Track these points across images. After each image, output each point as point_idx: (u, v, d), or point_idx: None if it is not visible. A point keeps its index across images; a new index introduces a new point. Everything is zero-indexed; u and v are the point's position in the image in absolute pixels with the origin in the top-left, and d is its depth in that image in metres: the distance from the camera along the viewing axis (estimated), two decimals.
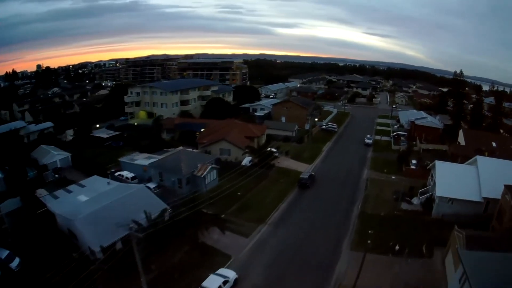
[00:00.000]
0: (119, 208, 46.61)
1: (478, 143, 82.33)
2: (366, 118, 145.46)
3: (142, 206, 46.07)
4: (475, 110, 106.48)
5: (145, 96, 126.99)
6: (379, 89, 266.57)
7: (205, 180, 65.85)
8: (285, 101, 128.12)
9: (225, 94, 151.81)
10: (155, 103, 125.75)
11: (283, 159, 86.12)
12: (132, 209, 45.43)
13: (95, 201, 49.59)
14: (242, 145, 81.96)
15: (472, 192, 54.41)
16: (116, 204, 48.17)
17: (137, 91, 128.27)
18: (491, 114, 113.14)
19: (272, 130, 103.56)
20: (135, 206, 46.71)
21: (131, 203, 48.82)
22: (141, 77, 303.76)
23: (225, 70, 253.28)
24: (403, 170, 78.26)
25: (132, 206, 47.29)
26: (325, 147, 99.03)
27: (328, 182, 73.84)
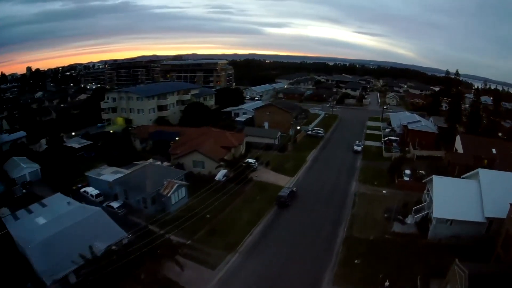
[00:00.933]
0: (73, 235, 42.86)
1: (476, 150, 75.89)
2: (356, 121, 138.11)
3: (98, 233, 43.68)
4: (472, 112, 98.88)
5: (121, 102, 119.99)
6: (369, 89, 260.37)
7: (171, 199, 59.37)
8: (268, 105, 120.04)
9: (206, 97, 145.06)
10: (131, 109, 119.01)
11: (263, 171, 78.42)
12: (87, 237, 42.13)
13: (51, 226, 45.42)
14: (217, 157, 74.79)
15: (474, 212, 48.13)
16: (70, 231, 43.90)
17: (113, 96, 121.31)
18: (486, 115, 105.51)
19: (253, 137, 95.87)
20: (90, 234, 43.33)
21: (86, 229, 44.64)
22: (125, 80, 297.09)
23: (209, 71, 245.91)
24: (396, 182, 70.95)
25: (87, 233, 43.57)
26: (309, 156, 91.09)
27: (311, 199, 66.04)
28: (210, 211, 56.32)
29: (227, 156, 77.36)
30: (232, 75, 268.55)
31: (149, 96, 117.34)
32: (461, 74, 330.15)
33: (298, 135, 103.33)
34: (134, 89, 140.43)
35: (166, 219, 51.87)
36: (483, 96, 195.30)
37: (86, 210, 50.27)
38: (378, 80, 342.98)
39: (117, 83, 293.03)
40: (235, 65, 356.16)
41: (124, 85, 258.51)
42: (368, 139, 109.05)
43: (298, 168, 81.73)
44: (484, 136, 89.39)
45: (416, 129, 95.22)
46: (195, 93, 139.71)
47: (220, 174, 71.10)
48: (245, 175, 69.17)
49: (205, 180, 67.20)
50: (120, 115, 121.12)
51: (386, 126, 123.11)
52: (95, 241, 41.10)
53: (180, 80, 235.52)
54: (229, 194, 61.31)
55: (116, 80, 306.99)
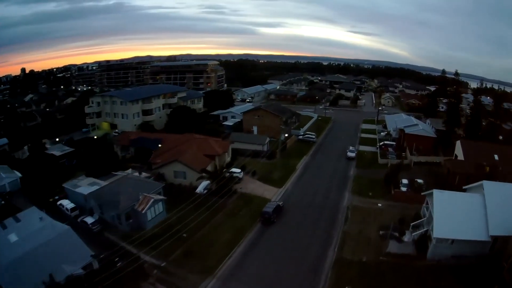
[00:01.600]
0: (41, 257, 40.33)
1: (478, 156, 71.03)
2: (350, 124, 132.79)
3: (66, 255, 41.36)
4: (472, 115, 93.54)
5: (105, 106, 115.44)
6: (364, 89, 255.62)
7: (147, 215, 54.34)
8: (257, 108, 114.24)
9: (194, 100, 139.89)
10: (116, 114, 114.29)
11: (248, 182, 73.22)
12: (55, 258, 40.19)
13: (22, 244, 42.68)
14: (198, 167, 69.41)
15: (478, 230, 44.13)
16: (39, 251, 41.17)
17: (97, 100, 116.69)
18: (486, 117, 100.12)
19: (240, 143, 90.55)
20: (58, 255, 41.08)
21: (54, 250, 41.93)
22: (115, 82, 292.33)
23: (199, 73, 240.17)
24: (392, 193, 65.76)
25: (55, 254, 41.19)
26: (300, 164, 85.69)
27: (299, 214, 60.67)
28: (188, 228, 51.55)
29: (211, 166, 72.57)
30: (223, 76, 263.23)
31: (133, 100, 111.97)
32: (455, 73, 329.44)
33: (288, 141, 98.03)
34: (118, 93, 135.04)
35: (140, 237, 47.76)
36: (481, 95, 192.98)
37: (56, 228, 46.63)
38: (373, 80, 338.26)
39: (107, 85, 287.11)
40: (228, 65, 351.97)
41: (114, 87, 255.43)
42: (362, 143, 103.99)
43: (286, 177, 76.37)
44: (484, 139, 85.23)
45: (413, 133, 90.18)
46: (182, 96, 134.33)
47: (201, 187, 65.97)
48: (228, 187, 64.37)
49: (186, 193, 63.35)
50: (105, 120, 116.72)
51: (381, 129, 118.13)
52: (63, 264, 39.27)
53: (170, 82, 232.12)
54: (210, 209, 56.33)
55: (106, 82, 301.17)
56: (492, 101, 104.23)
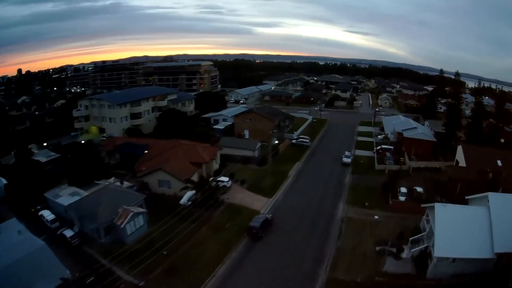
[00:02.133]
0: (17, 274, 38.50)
1: (480, 162, 66.94)
2: (346, 126, 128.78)
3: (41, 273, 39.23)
4: (473, 117, 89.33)
5: (93, 110, 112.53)
6: (360, 90, 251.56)
7: (127, 230, 51.21)
8: (249, 112, 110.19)
9: (185, 103, 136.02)
10: (104, 118, 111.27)
11: (237, 191, 69.35)
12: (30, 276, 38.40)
13: None
14: (183, 176, 65.66)
15: (482, 247, 40.78)
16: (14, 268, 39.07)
17: (85, 103, 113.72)
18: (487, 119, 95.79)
19: (230, 149, 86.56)
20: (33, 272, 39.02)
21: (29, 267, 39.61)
22: (109, 83, 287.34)
23: (192, 74, 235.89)
24: (390, 203, 61.79)
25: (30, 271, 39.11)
26: (292, 170, 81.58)
27: (289, 227, 56.68)
28: (170, 244, 48.24)
29: (197, 174, 68.89)
30: (217, 77, 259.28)
31: (120, 104, 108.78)
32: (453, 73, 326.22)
33: (281, 145, 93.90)
34: (105, 96, 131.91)
35: (119, 253, 45.26)
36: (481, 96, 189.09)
37: (32, 243, 43.97)
38: (370, 80, 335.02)
39: (101, 86, 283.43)
40: (223, 66, 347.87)
41: (107, 88, 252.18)
42: (359, 147, 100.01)
43: (278, 186, 72.32)
44: (485, 143, 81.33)
45: (412, 137, 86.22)
46: (173, 99, 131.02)
47: (186, 197, 62.45)
48: (214, 198, 61.13)
49: (170, 203, 60.19)
50: (93, 124, 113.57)
51: (378, 132, 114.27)
52: (38, 282, 37.90)
53: (163, 83, 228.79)
54: (195, 222, 53.30)
55: (99, 84, 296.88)
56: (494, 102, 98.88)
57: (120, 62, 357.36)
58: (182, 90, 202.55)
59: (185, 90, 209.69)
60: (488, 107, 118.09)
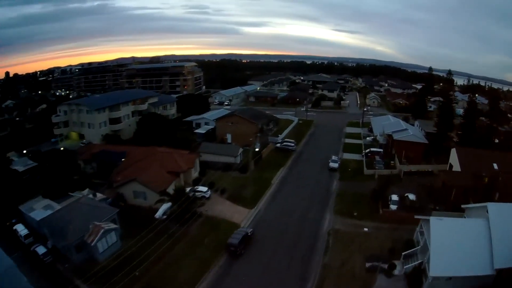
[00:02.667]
0: None
1: (475, 165, 63.90)
2: (333, 128, 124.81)
3: None
4: (466, 116, 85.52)
5: (72, 115, 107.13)
6: (348, 89, 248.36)
7: (98, 247, 47.77)
8: (230, 115, 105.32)
9: (166, 106, 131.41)
10: (82, 123, 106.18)
11: (216, 202, 64.72)
12: None
13: None
14: (159, 187, 61.26)
15: (481, 263, 37.74)
16: None
17: (64, 109, 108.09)
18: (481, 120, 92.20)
19: (210, 155, 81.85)
20: None
21: None
22: (93, 86, 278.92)
23: (175, 75, 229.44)
24: (380, 212, 57.54)
25: None
26: (276, 177, 77.08)
27: (271, 243, 52.35)
28: (145, 262, 44.86)
29: (175, 184, 64.40)
30: (201, 78, 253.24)
31: (99, 109, 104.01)
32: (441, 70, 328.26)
33: (264, 150, 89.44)
34: (83, 100, 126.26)
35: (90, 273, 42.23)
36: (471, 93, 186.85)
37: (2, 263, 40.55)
38: (357, 78, 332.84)
39: (85, 89, 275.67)
40: (209, 66, 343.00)
41: (91, 91, 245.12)
42: (346, 150, 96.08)
43: (260, 195, 67.85)
44: (479, 144, 78.23)
45: (402, 139, 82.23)
46: (153, 102, 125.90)
47: (161, 211, 57.77)
48: (192, 210, 56.56)
49: (146, 217, 55.90)
50: (73, 130, 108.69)
51: (367, 134, 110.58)
52: None
53: (146, 86, 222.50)
54: (172, 237, 49.70)
55: (84, 87, 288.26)
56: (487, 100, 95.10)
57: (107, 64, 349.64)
58: (166, 92, 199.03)
59: (168, 92, 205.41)
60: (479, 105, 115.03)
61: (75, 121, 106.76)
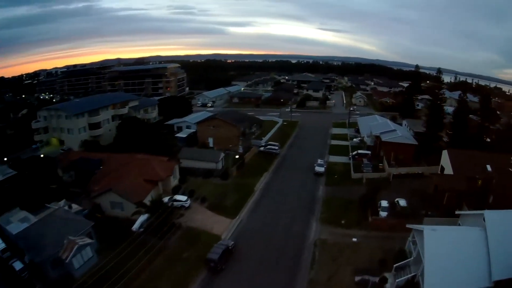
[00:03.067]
0: None
1: (468, 168, 61.22)
2: (318, 129, 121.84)
3: None
4: (457, 116, 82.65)
5: (52, 121, 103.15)
6: (333, 88, 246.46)
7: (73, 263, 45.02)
8: (212, 118, 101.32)
9: (147, 109, 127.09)
10: (62, 129, 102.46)
11: (197, 211, 60.97)
12: None
13: None
14: (136, 197, 57.71)
15: (478, 275, 34.81)
16: None
17: (44, 114, 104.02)
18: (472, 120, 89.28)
19: (191, 161, 78.14)
20: None
21: None
22: (77, 89, 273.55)
23: (158, 77, 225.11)
24: (369, 220, 54.64)
25: None
26: (259, 184, 73.72)
27: (255, 255, 48.96)
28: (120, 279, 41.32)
29: (154, 193, 61.07)
30: (185, 80, 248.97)
31: (77, 114, 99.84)
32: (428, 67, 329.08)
33: (247, 154, 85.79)
34: (63, 105, 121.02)
35: None
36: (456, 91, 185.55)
37: None
38: (343, 77, 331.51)
39: (68, 92, 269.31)
40: (193, 67, 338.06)
41: (74, 94, 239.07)
42: (333, 152, 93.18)
43: (242, 203, 64.33)
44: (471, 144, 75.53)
45: (391, 141, 79.63)
46: (134, 105, 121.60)
47: (138, 223, 54.12)
48: (171, 222, 52.97)
49: (123, 229, 52.72)
50: (53, 136, 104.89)
51: (354, 134, 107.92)
52: None
53: (128, 88, 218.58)
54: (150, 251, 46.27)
55: (67, 90, 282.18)
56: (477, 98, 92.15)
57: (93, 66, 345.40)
58: (148, 95, 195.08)
59: (151, 94, 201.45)
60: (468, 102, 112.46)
61: (55, 127, 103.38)
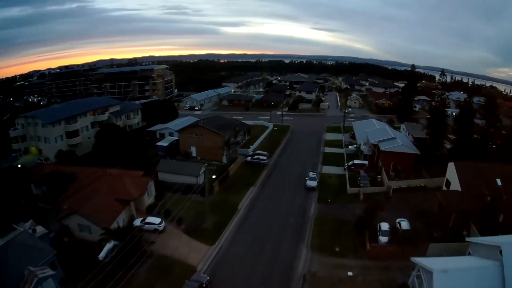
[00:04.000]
0: None
1: (477, 182, 54.79)
2: (311, 135, 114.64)
3: None
4: (461, 121, 75.56)
5: (29, 128, 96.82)
6: (327, 89, 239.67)
7: None
8: (195, 125, 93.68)
9: (129, 114, 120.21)
10: (39, 137, 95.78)
11: (171, 235, 54.31)
12: None
13: None
14: (105, 219, 51.69)
15: None
16: None
17: (21, 122, 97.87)
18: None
19: (168, 174, 71.38)
20: None
21: None
22: (64, 91, 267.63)
23: (145, 79, 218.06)
24: (367, 248, 47.48)
25: None
26: (244, 201, 66.37)
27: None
28: None
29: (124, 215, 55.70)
30: (173, 82, 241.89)
31: (53, 122, 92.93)
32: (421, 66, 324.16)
33: (232, 165, 78.75)
34: (39, 112, 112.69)
35: None
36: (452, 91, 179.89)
37: None
38: (337, 77, 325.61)
39: (56, 95, 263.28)
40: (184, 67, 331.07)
41: (61, 97, 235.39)
42: (326, 162, 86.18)
43: (223, 225, 57.11)
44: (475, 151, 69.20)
45: (391, 150, 72.81)
46: (115, 111, 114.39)
47: (105, 251, 47.49)
48: (141, 249, 46.07)
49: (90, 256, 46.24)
50: (31, 144, 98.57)
51: (349, 141, 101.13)
52: None
53: (114, 91, 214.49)
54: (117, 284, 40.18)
55: (55, 92, 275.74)
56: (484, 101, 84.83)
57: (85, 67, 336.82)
58: (135, 98, 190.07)
59: (137, 97, 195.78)
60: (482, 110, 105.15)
61: (32, 135, 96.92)
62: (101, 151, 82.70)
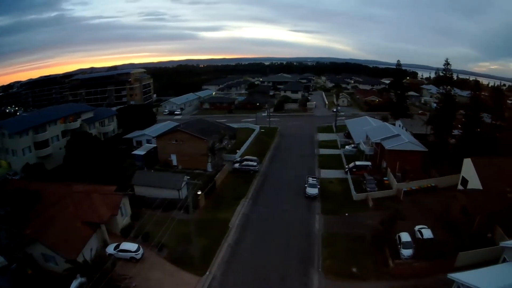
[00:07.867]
0: None
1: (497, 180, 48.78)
2: (302, 135, 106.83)
3: None
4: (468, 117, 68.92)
5: None
6: (312, 88, 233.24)
7: None
8: (174, 130, 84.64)
9: (104, 121, 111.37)
10: (7, 149, 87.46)
11: (152, 265, 44.73)
12: None
13: None
14: (70, 249, 42.44)
15: None
16: None
17: None
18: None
19: (146, 188, 62.02)
20: None
21: None
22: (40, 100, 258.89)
23: (121, 84, 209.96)
24: (390, 265, 39.02)
25: None
26: (235, 218, 57.03)
27: None
28: None
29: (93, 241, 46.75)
30: (151, 86, 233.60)
31: (20, 131, 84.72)
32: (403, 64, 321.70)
33: (219, 174, 69.63)
34: (6, 122, 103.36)
35: None
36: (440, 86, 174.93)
37: None
38: (320, 77, 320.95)
39: (32, 104, 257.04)
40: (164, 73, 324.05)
41: (38, 106, 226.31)
42: (324, 165, 78.18)
43: (214, 249, 47.79)
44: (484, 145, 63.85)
45: (397, 148, 65.24)
46: (88, 118, 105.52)
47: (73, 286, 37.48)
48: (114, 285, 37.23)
49: None
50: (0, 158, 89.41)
51: (345, 141, 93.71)
52: None
53: (91, 97, 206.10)
54: None
55: (31, 101, 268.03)
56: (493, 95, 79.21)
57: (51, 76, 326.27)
58: (112, 104, 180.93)
59: (114, 103, 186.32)
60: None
61: (1, 147, 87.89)
62: (71, 163, 73.27)
